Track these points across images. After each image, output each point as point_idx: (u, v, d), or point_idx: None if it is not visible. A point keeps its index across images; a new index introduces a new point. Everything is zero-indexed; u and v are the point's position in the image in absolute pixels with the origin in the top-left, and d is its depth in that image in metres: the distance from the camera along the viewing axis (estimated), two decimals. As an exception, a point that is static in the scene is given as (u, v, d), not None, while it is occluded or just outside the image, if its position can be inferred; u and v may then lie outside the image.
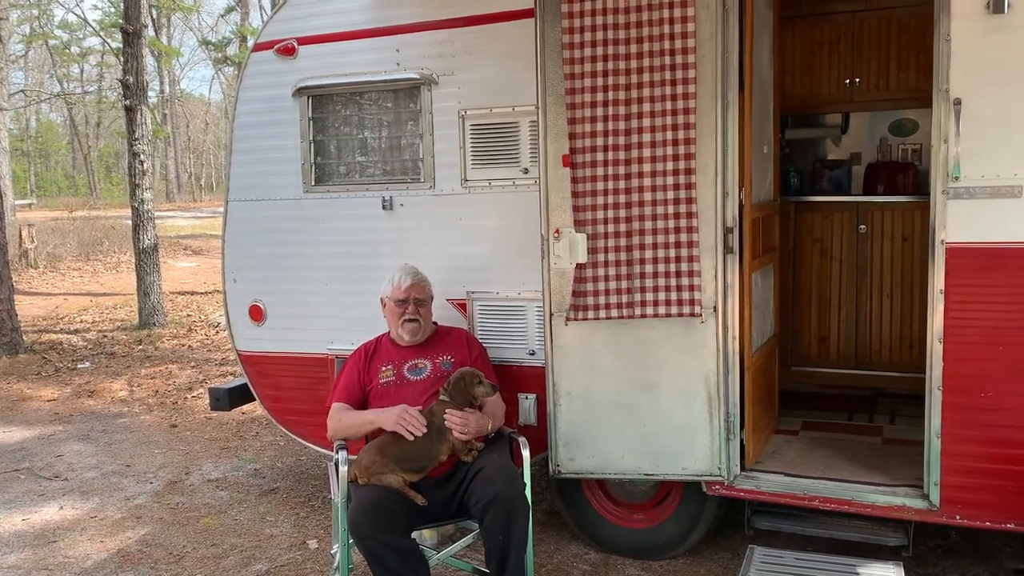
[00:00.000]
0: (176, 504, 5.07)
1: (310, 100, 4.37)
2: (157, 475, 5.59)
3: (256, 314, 4.60)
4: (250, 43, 4.81)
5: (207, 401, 5.50)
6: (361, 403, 3.72)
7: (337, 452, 3.50)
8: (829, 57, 5.50)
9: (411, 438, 3.37)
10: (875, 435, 4.37)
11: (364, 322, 4.24)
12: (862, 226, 5.24)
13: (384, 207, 4.26)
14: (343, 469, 3.37)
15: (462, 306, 4.18)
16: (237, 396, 4.86)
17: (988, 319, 3.30)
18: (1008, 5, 3.13)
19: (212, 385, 5.61)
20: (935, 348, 3.39)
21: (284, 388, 4.62)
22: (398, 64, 4.16)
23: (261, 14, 38.63)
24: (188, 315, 11.61)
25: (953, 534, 4.22)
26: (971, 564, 4.00)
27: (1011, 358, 3.27)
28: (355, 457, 3.46)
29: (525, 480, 3.46)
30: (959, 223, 3.30)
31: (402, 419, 3.41)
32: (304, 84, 4.34)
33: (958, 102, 3.24)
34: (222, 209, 4.70)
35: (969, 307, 3.32)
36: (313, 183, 4.43)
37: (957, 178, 3.27)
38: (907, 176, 5.66)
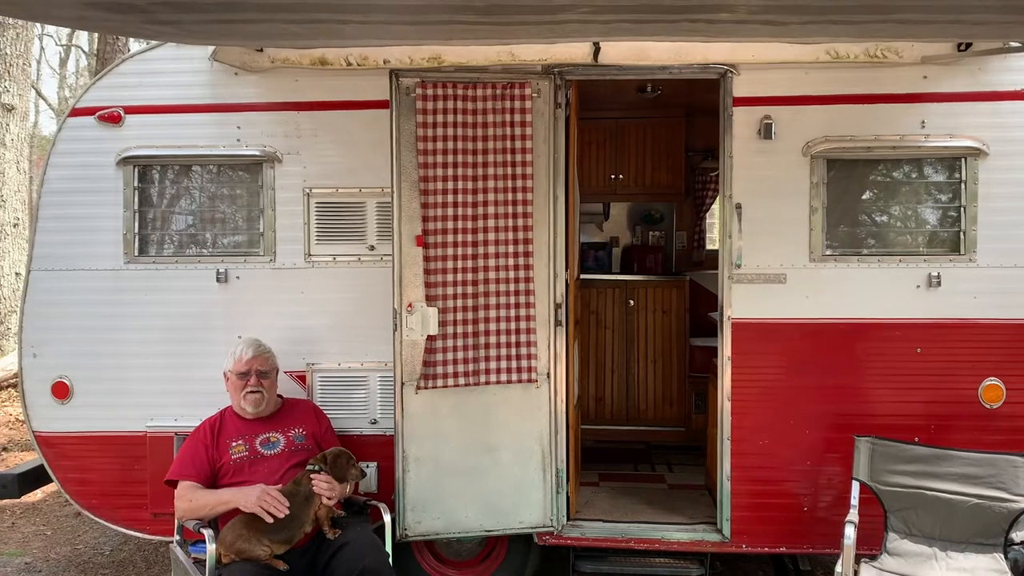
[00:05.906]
0: (-61, 611, 4.45)
1: (136, 169, 4.26)
2: None
3: (61, 391, 4.27)
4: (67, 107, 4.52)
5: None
6: (211, 480, 3.66)
7: (194, 530, 3.47)
8: (597, 155, 6.35)
9: (270, 520, 3.38)
10: (661, 482, 5.08)
11: (193, 396, 4.18)
12: (630, 300, 6.06)
13: (219, 280, 4.24)
14: (211, 547, 3.32)
15: (301, 378, 4.25)
16: (28, 481, 4.42)
17: (763, 380, 4.10)
18: (774, 133, 4.02)
19: (-2, 471, 5.01)
20: (724, 405, 4.12)
21: (92, 470, 4.31)
22: (239, 140, 4.21)
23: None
24: None
25: (718, 564, 4.98)
26: (738, 587, 4.78)
27: (781, 411, 4.08)
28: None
29: (388, 549, 3.63)
30: (741, 303, 4.08)
31: (263, 500, 3.40)
32: (131, 153, 4.23)
33: (739, 206, 4.05)
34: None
35: (749, 370, 4.10)
36: (136, 253, 4.28)
37: (739, 266, 4.06)
38: (657, 257, 6.68)
